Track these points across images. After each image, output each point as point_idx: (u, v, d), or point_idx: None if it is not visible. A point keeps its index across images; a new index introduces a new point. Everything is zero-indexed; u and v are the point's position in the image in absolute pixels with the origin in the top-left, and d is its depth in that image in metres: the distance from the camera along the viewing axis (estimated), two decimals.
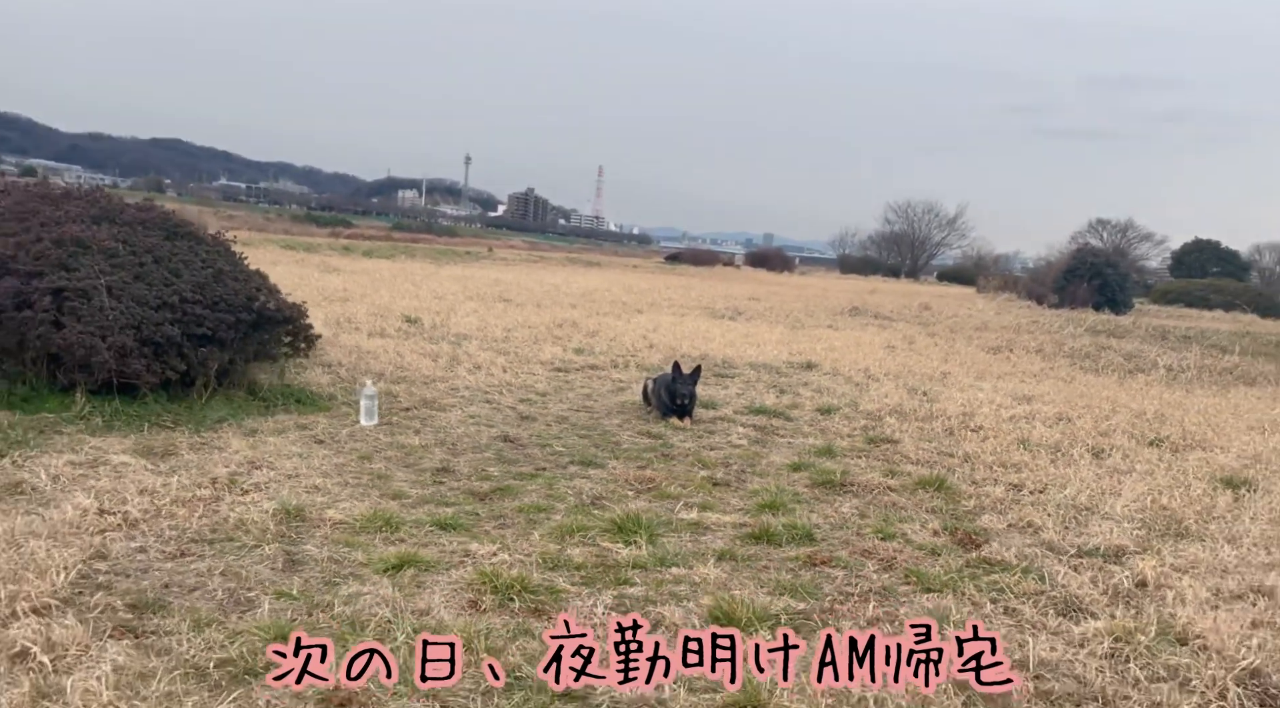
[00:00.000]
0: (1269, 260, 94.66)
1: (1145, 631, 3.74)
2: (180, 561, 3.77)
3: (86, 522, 3.98)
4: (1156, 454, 7.28)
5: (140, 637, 3.04)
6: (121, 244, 6.30)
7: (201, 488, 4.67)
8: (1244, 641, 3.67)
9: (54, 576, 3.35)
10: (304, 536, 4.21)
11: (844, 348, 13.74)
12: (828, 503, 5.48)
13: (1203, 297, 48.24)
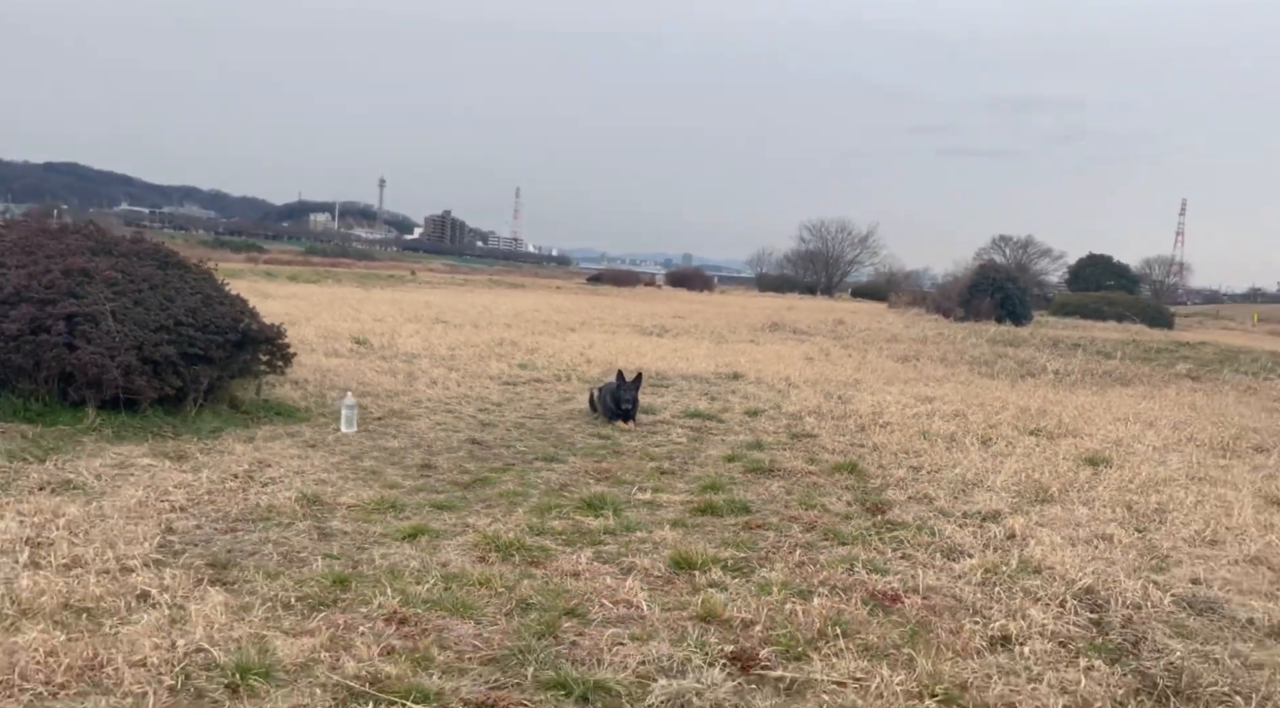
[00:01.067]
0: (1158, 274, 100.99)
1: (1008, 565, 4.81)
2: (233, 534, 4.52)
3: (146, 507, 4.70)
4: (1034, 441, 8.51)
5: (227, 585, 3.81)
6: (121, 274, 6.94)
7: (228, 482, 5.40)
8: (1082, 569, 4.76)
9: (140, 544, 4.09)
10: (327, 516, 4.99)
11: (766, 360, 14.89)
12: (759, 484, 6.47)
13: (1097, 309, 51.41)
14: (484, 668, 3.29)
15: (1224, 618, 4.30)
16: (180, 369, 7.04)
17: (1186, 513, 6.06)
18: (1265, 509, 6.31)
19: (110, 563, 3.84)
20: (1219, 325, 61.82)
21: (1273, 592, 4.66)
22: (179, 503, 4.88)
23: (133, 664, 2.99)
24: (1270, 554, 5.22)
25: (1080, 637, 3.95)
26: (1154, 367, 17.81)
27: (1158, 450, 8.30)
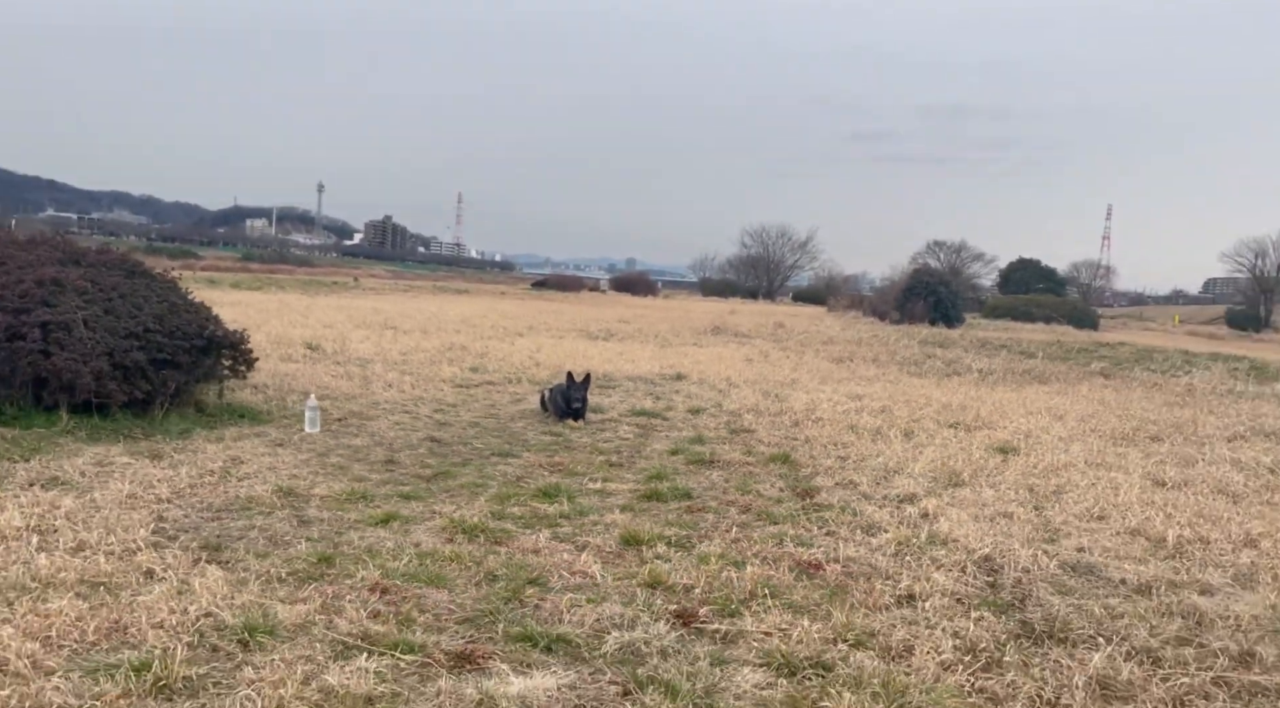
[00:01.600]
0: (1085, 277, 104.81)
1: (919, 538, 5.44)
2: (219, 522, 4.93)
3: (135, 499, 5.07)
4: (952, 433, 9.23)
5: (223, 563, 4.23)
6: (90, 283, 7.23)
7: (206, 477, 5.78)
8: (982, 540, 5.41)
9: (137, 530, 4.48)
10: (303, 505, 5.41)
11: (708, 361, 15.52)
12: (700, 474, 7.04)
13: (1026, 311, 53.36)
14: (460, 626, 3.77)
15: (1100, 579, 4.97)
16: (149, 374, 7.35)
17: (1080, 493, 6.78)
18: (1150, 490, 7.07)
19: (114, 546, 4.24)
20: (1141, 326, 64.56)
21: (1144, 557, 5.36)
22: (164, 496, 5.26)
23: (153, 626, 3.41)
24: (1147, 527, 5.94)
25: (975, 595, 4.57)
26: (1071, 365, 18.89)
27: (1062, 440, 9.09)
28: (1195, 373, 17.74)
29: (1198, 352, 26.41)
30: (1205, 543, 5.65)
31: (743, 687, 3.36)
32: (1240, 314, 70.49)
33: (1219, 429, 10.54)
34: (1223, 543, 5.66)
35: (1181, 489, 7.15)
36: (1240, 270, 79.65)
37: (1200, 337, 51.77)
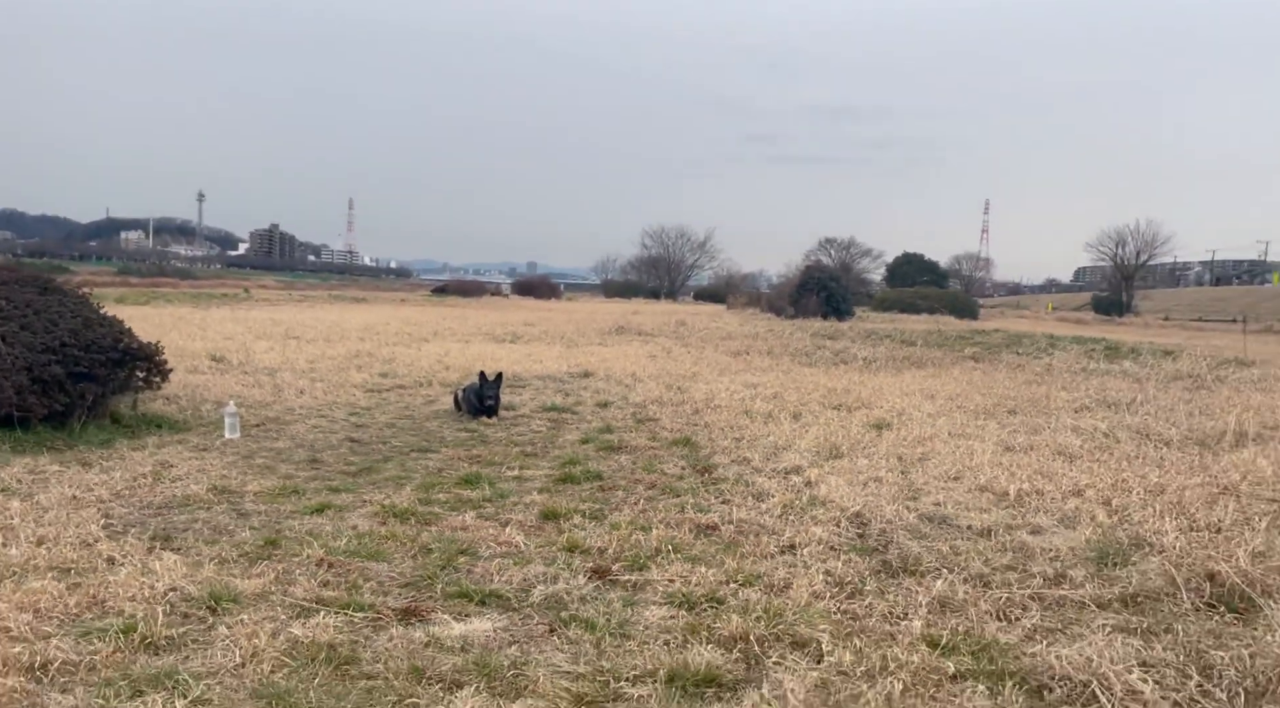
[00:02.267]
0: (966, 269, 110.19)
1: (801, 501, 6.21)
2: (163, 517, 5.30)
3: (79, 500, 5.39)
4: (835, 414, 10.13)
5: (176, 550, 4.63)
6: (5, 300, 7.38)
7: (140, 480, 6.10)
8: (854, 500, 6.21)
9: (89, 525, 4.84)
10: (238, 501, 5.81)
11: (614, 359, 16.18)
12: (610, 459, 7.68)
13: (912, 303, 55.96)
14: (402, 590, 4.31)
15: (950, 526, 5.82)
16: (67, 387, 7.54)
17: (941, 459, 7.70)
18: (1001, 454, 8.05)
19: (72, 539, 4.60)
20: (1017, 314, 68.47)
21: (988, 507, 6.24)
22: (105, 496, 5.58)
23: (127, 599, 3.84)
24: (993, 484, 6.86)
25: (846, 543, 5.34)
26: (947, 351, 20.31)
27: (931, 416, 10.09)
28: (1055, 354, 19.36)
29: (1062, 335, 28.49)
30: (1040, 495, 6.59)
31: (650, 620, 4.01)
32: (1105, 300, 75.37)
33: (1068, 402, 11.78)
34: (1054, 494, 6.61)
35: (1027, 453, 8.16)
36: (1103, 259, 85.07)
37: (1069, 322, 55.35)
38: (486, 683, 3.30)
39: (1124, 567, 4.92)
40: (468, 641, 3.71)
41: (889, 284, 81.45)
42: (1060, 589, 4.64)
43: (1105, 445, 8.68)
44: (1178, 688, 3.46)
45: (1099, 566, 4.97)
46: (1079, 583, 4.72)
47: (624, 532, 5.28)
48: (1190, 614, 4.26)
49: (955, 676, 3.54)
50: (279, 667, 3.36)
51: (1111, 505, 6.25)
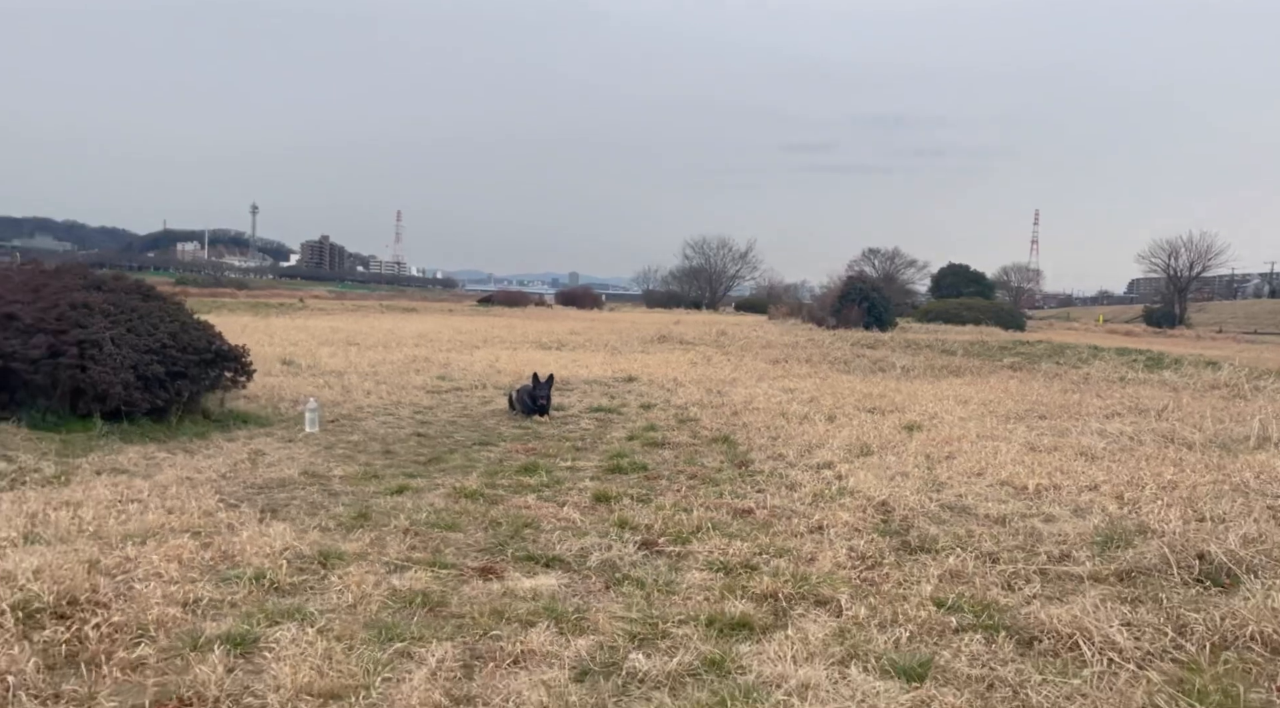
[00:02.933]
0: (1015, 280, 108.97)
1: (831, 490, 6.77)
2: (266, 494, 6.04)
3: (191, 480, 6.15)
4: (869, 417, 10.65)
5: (282, 520, 5.36)
6: (114, 306, 8.23)
7: (239, 465, 6.87)
8: (881, 491, 6.76)
9: (206, 499, 5.59)
10: (327, 483, 6.54)
11: (656, 366, 16.82)
12: (654, 453, 8.30)
13: (956, 314, 55.80)
14: (478, 553, 4.97)
15: (969, 514, 6.34)
16: (166, 384, 8.37)
17: (966, 458, 8.20)
18: (1025, 453, 8.52)
19: (195, 509, 5.34)
20: (1065, 326, 67.79)
21: (1006, 499, 6.75)
22: (213, 477, 6.35)
23: (253, 555, 4.55)
24: (1014, 479, 7.35)
25: (870, 525, 5.90)
26: (985, 361, 20.63)
27: (962, 420, 10.56)
28: (1095, 364, 19.58)
29: (1105, 346, 28.54)
30: (1057, 489, 7.07)
31: (692, 581, 4.62)
32: (1157, 312, 74.37)
33: (1100, 409, 12.15)
34: (1071, 489, 7.09)
35: (1051, 453, 8.61)
36: (1155, 271, 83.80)
37: (1118, 334, 54.74)
38: (555, 623, 3.94)
39: (1125, 549, 5.41)
40: (537, 593, 4.35)
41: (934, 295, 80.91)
42: (1062, 566, 5.16)
43: (1128, 447, 9.09)
44: (1153, 642, 3.99)
45: (1102, 548, 5.46)
46: (1080, 561, 5.24)
47: (668, 512, 5.91)
48: (1178, 587, 4.76)
49: (957, 629, 4.10)
50: (384, 608, 4.04)
51: (1123, 499, 6.72)
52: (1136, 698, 3.41)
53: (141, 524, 4.96)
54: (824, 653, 3.72)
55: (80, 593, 3.81)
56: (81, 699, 3.09)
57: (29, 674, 3.17)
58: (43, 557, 4.17)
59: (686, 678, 3.47)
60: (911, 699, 3.31)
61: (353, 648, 3.54)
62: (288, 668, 3.31)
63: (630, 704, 3.26)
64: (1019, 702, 3.37)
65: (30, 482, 5.95)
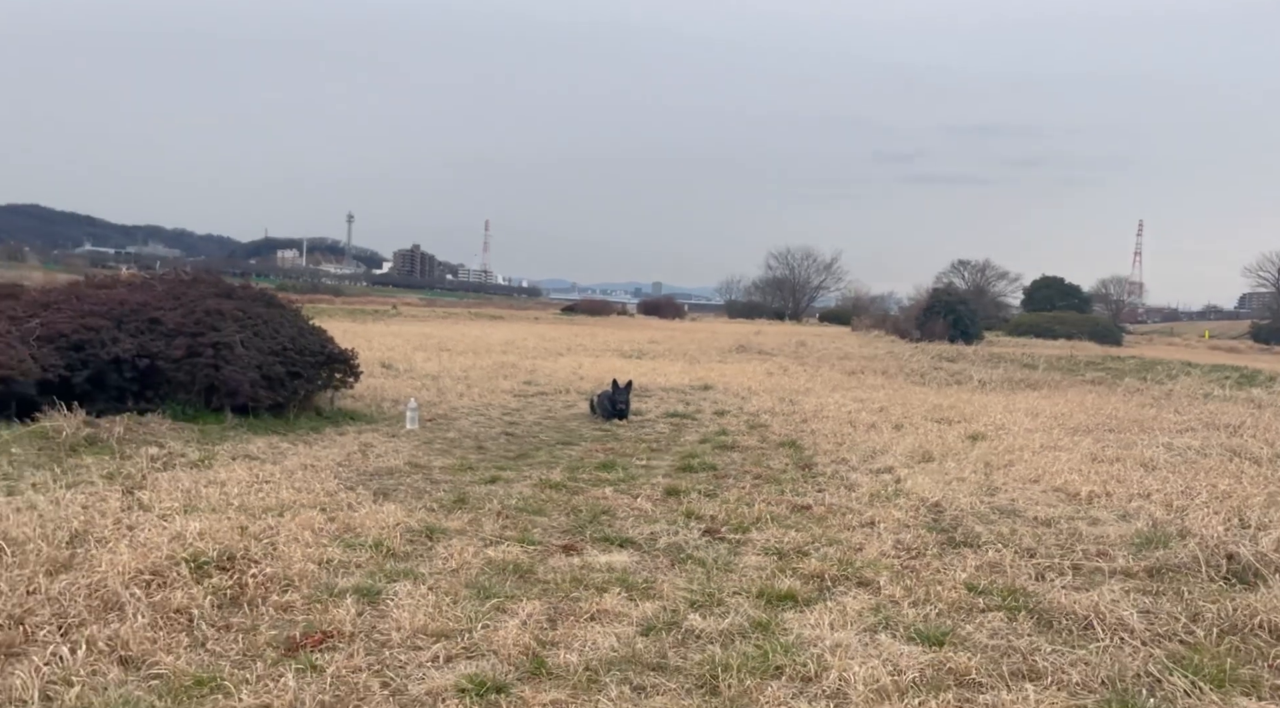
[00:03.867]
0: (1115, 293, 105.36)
1: (888, 491, 7.25)
2: (377, 479, 6.86)
3: (313, 466, 7.03)
4: (935, 426, 11.01)
5: (393, 501, 6.14)
6: (242, 312, 9.26)
7: (352, 455, 7.73)
8: (935, 492, 7.21)
9: (327, 481, 6.43)
10: (429, 472, 7.34)
11: (733, 375, 17.38)
12: (723, 455, 8.89)
13: (1049, 328, 54.58)
14: (561, 534, 5.66)
15: (1017, 516, 6.74)
16: (286, 383, 9.35)
17: (1025, 466, 8.54)
18: (1084, 463, 8.80)
19: (318, 490, 6.18)
20: (1165, 342, 65.41)
21: (1056, 504, 7.11)
22: (330, 465, 7.22)
23: (371, 528, 5.33)
24: (1068, 486, 7.68)
25: (919, 522, 6.37)
26: (1067, 375, 20.51)
27: (1028, 431, 10.82)
28: (1181, 380, 19.30)
29: (1199, 363, 27.83)
30: (1109, 496, 7.39)
31: (748, 562, 5.21)
32: (1265, 329, 70.99)
33: (1174, 424, 12.20)
34: (1122, 496, 7.40)
35: (1111, 463, 8.87)
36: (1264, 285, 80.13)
37: (1220, 351, 52.66)
38: (626, 590, 4.58)
39: (1161, 549, 5.76)
40: (611, 567, 5.01)
41: (1026, 308, 78.93)
42: (1099, 561, 5.56)
43: (1191, 461, 9.26)
44: (1165, 626, 4.40)
45: (1139, 548, 5.83)
46: (1116, 558, 5.62)
47: (732, 506, 6.50)
48: (1203, 583, 5.13)
49: (983, 608, 4.59)
50: (481, 573, 4.75)
51: (1172, 506, 7.01)
52: (1133, 667, 3.86)
53: (277, 500, 5.81)
54: (858, 622, 4.27)
55: (236, 551, 4.62)
56: (247, 629, 3.86)
57: (206, 609, 3.97)
58: (203, 522, 5.02)
59: (735, 636, 4.06)
60: (929, 660, 3.83)
61: (457, 601, 4.25)
62: (406, 614, 4.03)
63: (686, 653, 3.87)
64: (1026, 665, 3.86)
65: (179, 465, 6.90)
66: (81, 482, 6.07)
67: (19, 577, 4.07)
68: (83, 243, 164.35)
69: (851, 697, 3.46)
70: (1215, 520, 6.37)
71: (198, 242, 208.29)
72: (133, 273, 10.72)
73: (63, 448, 7.03)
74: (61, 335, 8.25)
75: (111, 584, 4.01)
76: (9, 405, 7.79)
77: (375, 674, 3.49)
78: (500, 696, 3.35)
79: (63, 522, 4.96)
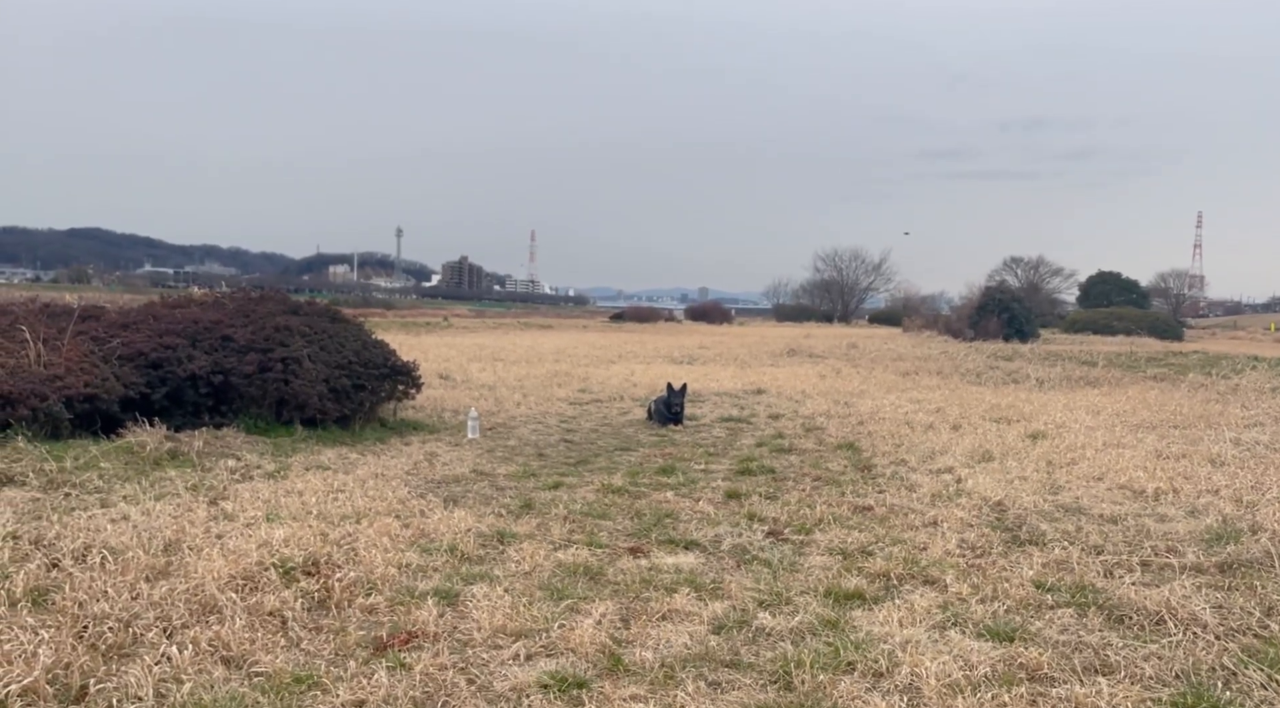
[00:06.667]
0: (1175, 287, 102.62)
1: (949, 491, 7.26)
2: (445, 487, 7.06)
3: (383, 475, 7.25)
4: (994, 426, 10.92)
5: (462, 507, 6.33)
6: (309, 328, 9.56)
7: (419, 464, 7.96)
8: (997, 491, 7.19)
9: (399, 490, 6.64)
10: (494, 480, 7.52)
11: (785, 378, 17.38)
12: (781, 458, 8.95)
13: (1107, 324, 53.41)
14: (627, 536, 5.78)
15: (1082, 514, 6.70)
16: (351, 395, 9.63)
17: (1088, 464, 8.46)
18: (1149, 460, 8.68)
19: (391, 498, 6.39)
20: (1229, 335, 63.61)
21: (1121, 502, 7.04)
22: (400, 473, 7.44)
23: (444, 533, 5.51)
24: (1131, 484, 7.60)
25: (983, 521, 6.37)
26: (1127, 372, 20.11)
27: (1089, 429, 10.69)
28: (1246, 375, 18.81)
29: (1266, 357, 27.06)
30: (1176, 493, 7.30)
31: (813, 563, 5.28)
32: None
33: (1241, 419, 11.95)
34: (1190, 492, 7.30)
35: (1178, 460, 8.74)
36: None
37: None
38: (695, 590, 4.69)
39: (1232, 545, 5.70)
40: (678, 568, 5.11)
41: (1082, 305, 77.31)
42: (1167, 558, 5.52)
43: (1261, 456, 9.08)
44: (1239, 621, 4.38)
45: (1209, 544, 5.77)
46: (1185, 554, 5.57)
47: (793, 508, 6.57)
48: (1276, 578, 5.07)
49: (1053, 605, 4.60)
50: (553, 575, 4.89)
51: (1242, 502, 6.91)
52: (1208, 660, 3.86)
53: (352, 508, 6.02)
54: (927, 619, 4.32)
55: (320, 557, 4.82)
56: (336, 630, 4.05)
57: (297, 611, 4.16)
58: (286, 530, 5.24)
59: (805, 633, 4.14)
60: (1000, 655, 3.87)
61: (532, 602, 4.39)
62: (485, 614, 4.18)
63: (758, 651, 3.96)
64: (1098, 660, 3.88)
65: (256, 476, 7.18)
66: (168, 493, 6.35)
67: (122, 583, 4.31)
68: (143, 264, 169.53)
69: (924, 691, 3.52)
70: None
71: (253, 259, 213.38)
72: (205, 292, 11.16)
73: (148, 462, 7.35)
74: (141, 354, 8.62)
75: (208, 589, 4.22)
76: (95, 422, 8.16)
77: (461, 672, 3.64)
78: (581, 691, 3.48)
79: (156, 531, 5.22)
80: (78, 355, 8.28)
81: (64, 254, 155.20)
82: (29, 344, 8.32)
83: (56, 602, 4.07)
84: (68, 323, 8.92)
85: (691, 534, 5.85)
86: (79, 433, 8.04)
